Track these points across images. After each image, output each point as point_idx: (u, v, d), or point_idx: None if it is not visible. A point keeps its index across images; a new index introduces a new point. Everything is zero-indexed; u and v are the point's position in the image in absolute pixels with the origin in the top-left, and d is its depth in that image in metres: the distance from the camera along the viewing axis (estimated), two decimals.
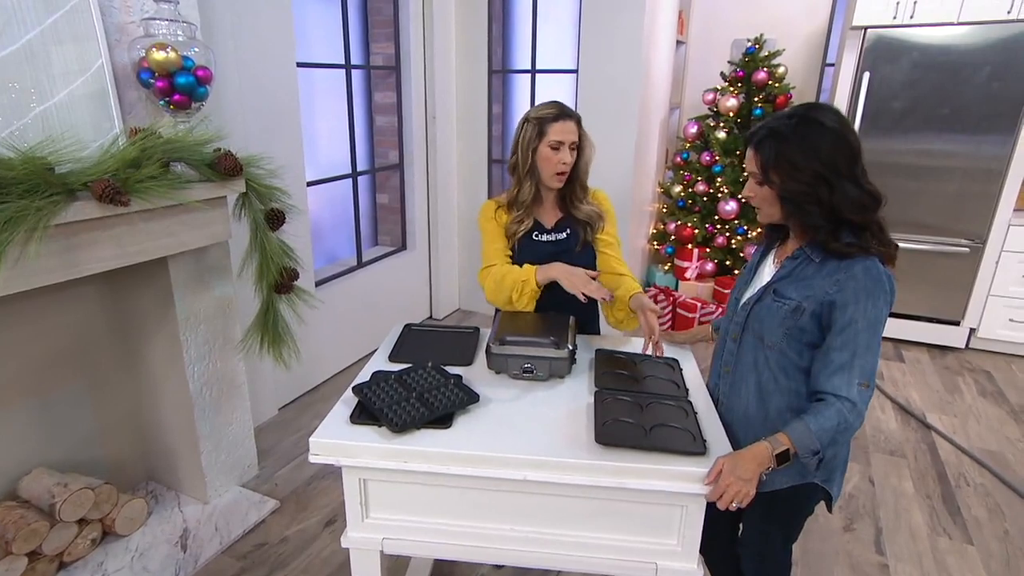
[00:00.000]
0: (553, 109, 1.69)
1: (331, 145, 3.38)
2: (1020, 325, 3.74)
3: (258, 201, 2.00)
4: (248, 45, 2.51)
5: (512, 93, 4.08)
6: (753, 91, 3.98)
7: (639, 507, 1.26)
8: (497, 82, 3.98)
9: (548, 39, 3.80)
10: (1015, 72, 3.39)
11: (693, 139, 4.22)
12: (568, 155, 1.69)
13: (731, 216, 4.01)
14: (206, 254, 2.13)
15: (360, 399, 1.34)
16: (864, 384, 1.18)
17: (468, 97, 3.96)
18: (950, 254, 3.73)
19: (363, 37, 3.54)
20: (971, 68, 3.45)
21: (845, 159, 1.18)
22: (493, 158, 4.08)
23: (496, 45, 3.89)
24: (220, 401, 2.33)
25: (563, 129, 1.67)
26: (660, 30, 3.76)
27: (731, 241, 4.08)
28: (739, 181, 4.02)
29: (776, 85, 3.95)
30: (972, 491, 2.55)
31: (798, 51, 4.30)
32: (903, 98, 3.56)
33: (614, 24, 3.47)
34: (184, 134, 1.77)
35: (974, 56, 3.43)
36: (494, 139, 4.05)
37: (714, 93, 4.10)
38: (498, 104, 4.06)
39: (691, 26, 4.55)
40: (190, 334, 2.16)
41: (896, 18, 3.49)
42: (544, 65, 3.82)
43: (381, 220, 3.93)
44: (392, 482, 1.28)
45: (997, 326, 3.79)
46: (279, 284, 2.06)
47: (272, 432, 2.84)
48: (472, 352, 1.64)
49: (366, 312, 3.55)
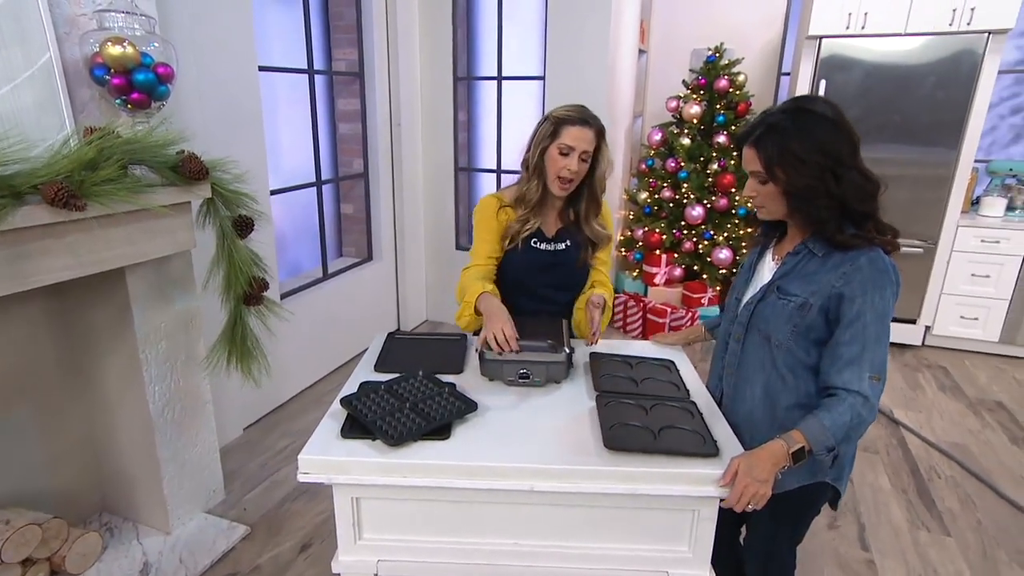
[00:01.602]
0: (575, 112, 1.60)
1: (294, 153, 3.26)
2: (970, 322, 3.90)
3: (224, 207, 1.88)
4: (207, 46, 2.39)
5: (478, 100, 4.04)
6: (715, 98, 4.05)
7: (648, 514, 1.21)
8: (462, 89, 3.94)
9: (514, 46, 3.78)
10: (957, 82, 3.55)
11: (657, 146, 4.26)
12: (576, 163, 1.60)
13: (698, 221, 4.05)
14: (168, 264, 1.99)
15: (350, 412, 1.24)
16: (875, 377, 1.16)
17: (433, 104, 3.89)
18: (907, 255, 3.86)
19: (325, 42, 3.44)
20: (918, 78, 3.61)
21: (848, 147, 1.17)
22: (460, 166, 4.02)
23: (461, 52, 3.85)
24: (183, 422, 2.18)
25: (578, 135, 1.58)
26: (624, 38, 3.79)
27: (698, 246, 4.12)
28: (704, 187, 4.08)
29: (737, 93, 4.03)
30: (944, 483, 2.60)
31: (755, 60, 4.41)
32: (857, 107, 3.68)
33: (580, 31, 3.47)
34: (145, 134, 1.64)
35: (921, 66, 3.59)
36: (460, 147, 4.00)
37: (677, 100, 4.16)
38: (464, 112, 4.01)
39: (651, 35, 4.62)
40: (150, 351, 2.01)
41: (849, 28, 3.62)
42: (510, 72, 3.80)
43: (346, 230, 3.81)
44: (387, 499, 1.19)
45: (950, 323, 3.94)
46: (248, 295, 1.94)
47: (238, 454, 2.68)
48: (462, 360, 1.57)
49: (332, 325, 3.42)
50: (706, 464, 1.17)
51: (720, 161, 4.01)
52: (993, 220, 3.79)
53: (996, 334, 3.86)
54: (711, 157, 4.06)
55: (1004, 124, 4.36)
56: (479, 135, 4.11)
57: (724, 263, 4.00)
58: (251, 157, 2.64)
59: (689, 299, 4.14)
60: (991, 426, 3.08)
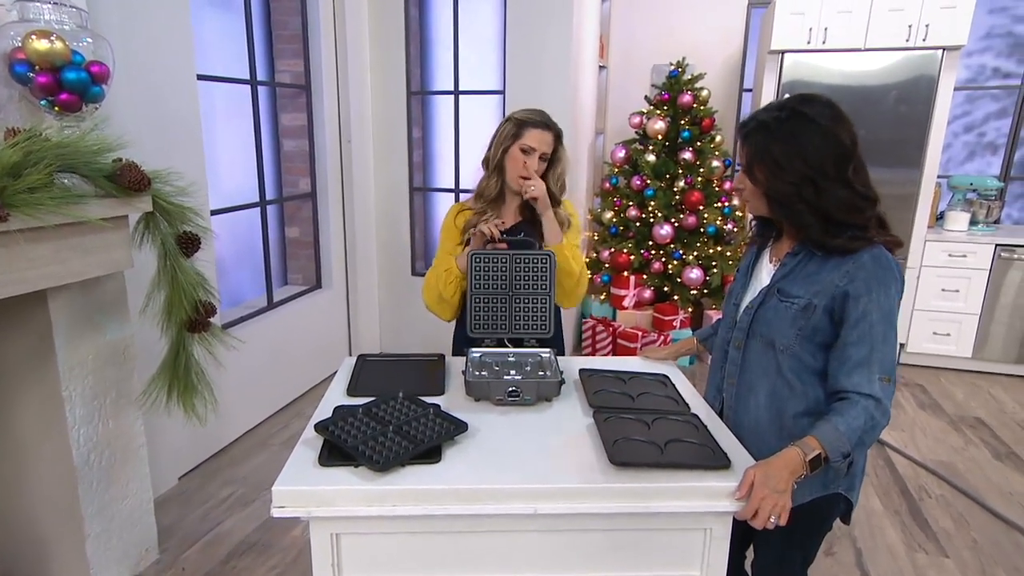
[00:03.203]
0: (536, 116, 1.78)
1: (233, 171, 3.19)
2: (943, 338, 4.10)
3: (166, 223, 1.81)
4: (141, 49, 2.33)
5: (433, 116, 4.06)
6: (679, 114, 4.20)
7: (657, 536, 1.19)
8: (417, 104, 3.96)
9: (471, 59, 3.83)
10: (917, 97, 3.82)
11: (621, 164, 4.37)
12: (536, 163, 1.77)
13: (666, 240, 4.15)
14: (98, 288, 1.89)
15: (327, 438, 1.19)
16: (886, 379, 1.19)
17: (386, 120, 3.89)
18: None
19: (267, 52, 3.41)
20: (880, 94, 3.86)
21: (834, 160, 1.20)
22: (415, 186, 4.01)
23: (415, 64, 3.88)
24: (112, 470, 2.04)
25: (539, 137, 1.75)
26: (585, 52, 3.91)
27: (668, 266, 4.21)
28: (671, 205, 4.19)
29: (701, 108, 4.19)
30: (935, 503, 2.69)
31: (716, 76, 4.62)
32: None
33: (541, 44, 3.56)
34: (78, 139, 1.57)
35: (882, 82, 3.84)
36: (415, 166, 4.00)
37: (640, 116, 4.29)
38: (418, 128, 4.02)
39: (610, 51, 4.78)
40: (75, 388, 1.88)
41: (810, 43, 3.85)
42: (468, 86, 3.84)
43: (291, 256, 3.72)
44: (372, 534, 1.14)
45: (923, 340, 4.14)
46: (193, 321, 1.85)
47: (173, 506, 2.53)
48: (442, 380, 1.54)
49: (278, 360, 3.30)
50: (718, 477, 1.16)
51: (687, 178, 4.15)
52: (958, 234, 4.04)
53: (968, 350, 4.07)
54: (677, 174, 4.19)
55: (958, 142, 4.69)
56: (435, 153, 4.12)
57: (695, 283, 4.10)
58: (189, 173, 2.54)
59: (660, 322, 4.21)
60: (974, 443, 3.22)
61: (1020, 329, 3.97)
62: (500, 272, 1.68)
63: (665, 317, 4.17)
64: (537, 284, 1.68)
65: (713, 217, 4.12)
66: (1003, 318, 3.98)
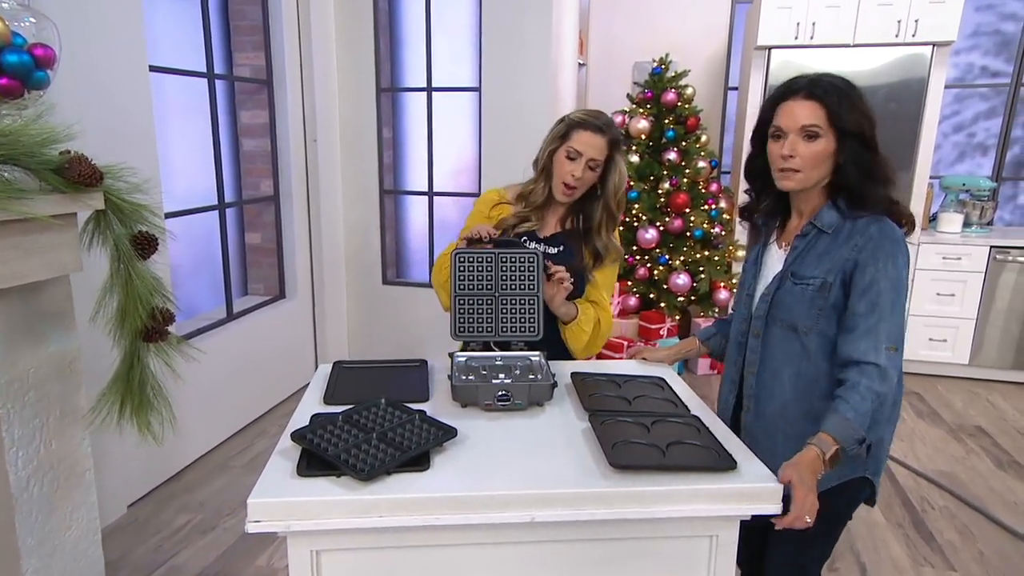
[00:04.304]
0: (589, 116, 1.72)
1: (187, 171, 3.13)
2: (939, 344, 4.20)
3: (119, 223, 1.76)
4: (86, 34, 2.28)
5: (404, 114, 4.06)
6: (663, 112, 4.26)
7: (661, 545, 1.20)
8: (387, 101, 3.95)
9: (445, 54, 3.84)
10: (908, 94, 3.94)
11: None
12: (581, 170, 1.70)
13: (651, 245, 4.18)
14: (40, 293, 1.83)
15: (305, 447, 1.16)
16: (892, 348, 1.26)
17: (354, 118, 3.87)
18: None
19: (225, 43, 3.38)
20: (870, 90, 3.90)
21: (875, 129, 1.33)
22: (385, 188, 3.99)
23: (384, 59, 3.88)
24: (54, 497, 1.97)
25: (588, 141, 1.69)
26: (565, 48, 3.95)
27: (653, 272, 4.24)
28: (656, 207, 4.23)
29: (686, 107, 4.26)
30: (939, 514, 2.73)
31: (700, 74, 4.70)
32: None
33: (519, 38, 3.58)
34: (21, 128, 1.52)
35: (871, 77, 3.95)
36: (385, 167, 3.98)
37: (623, 115, 4.34)
38: (389, 127, 4.01)
39: (590, 47, 4.84)
40: (13, 406, 1.81)
41: (798, 38, 3.94)
42: (441, 82, 3.85)
43: (252, 264, 3.66)
44: (356, 550, 1.11)
45: (919, 347, 4.22)
46: (149, 330, 1.80)
47: (122, 537, 2.45)
48: (426, 386, 1.52)
49: (238, 376, 3.24)
50: (724, 479, 1.17)
51: (672, 179, 4.19)
52: (952, 236, 4.14)
53: (965, 356, 4.16)
54: (662, 175, 4.24)
55: (948, 143, 4.84)
56: (407, 153, 4.11)
57: (682, 289, 4.13)
58: (141, 171, 2.50)
59: (646, 330, 4.23)
60: (975, 452, 3.28)
61: (1016, 334, 4.09)
62: (485, 272, 1.67)
63: (651, 325, 4.20)
64: (524, 284, 1.67)
65: (700, 220, 4.17)
66: (998, 322, 4.09)
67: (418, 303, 3.95)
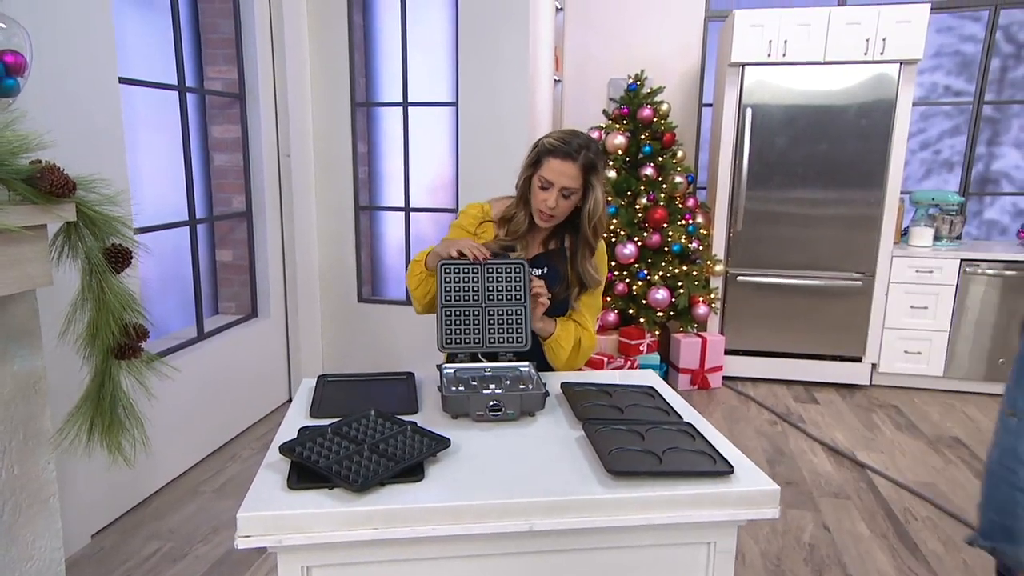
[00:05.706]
0: (560, 142, 1.66)
1: (156, 186, 3.09)
2: (914, 356, 4.29)
3: (91, 236, 1.73)
4: (55, 43, 2.25)
5: (379, 129, 4.06)
6: (639, 128, 4.33)
7: (659, 553, 1.21)
8: (362, 116, 3.95)
9: (421, 68, 3.87)
10: (878, 111, 4.07)
11: None
12: (555, 199, 1.67)
13: (630, 260, 4.22)
14: (4, 309, 1.78)
15: (295, 460, 1.14)
16: None
17: (328, 133, 3.86)
18: (846, 288, 4.23)
19: (196, 56, 3.35)
20: (840, 108, 4.09)
21: None
22: (360, 205, 3.98)
23: (359, 73, 3.88)
24: (16, 526, 1.89)
25: (559, 169, 1.64)
26: (541, 63, 4.00)
27: (632, 288, 4.28)
28: (634, 223, 4.28)
29: (662, 122, 4.33)
30: (922, 525, 2.77)
31: (674, 90, 4.79)
32: (784, 136, 4.09)
33: (496, 53, 3.62)
34: None
35: (844, 96, 4.08)
36: (361, 182, 3.97)
37: (600, 131, 4.40)
38: (364, 142, 4.01)
39: (565, 64, 4.91)
40: None
41: (770, 55, 4.05)
42: (418, 97, 3.87)
43: (223, 282, 3.61)
44: (347, 564, 1.10)
45: (895, 359, 4.32)
46: (122, 347, 1.76)
47: (87, 568, 2.36)
48: (414, 397, 1.51)
49: (209, 398, 3.17)
50: (722, 484, 1.18)
51: (649, 194, 4.25)
52: (923, 250, 4.26)
53: (940, 368, 4.27)
54: (640, 191, 4.29)
55: (915, 159, 5.01)
56: (382, 168, 4.11)
57: (661, 304, 4.17)
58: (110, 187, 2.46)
59: (626, 347, 4.26)
60: (954, 463, 3.35)
61: (986, 346, 4.21)
62: (471, 283, 1.67)
63: (631, 341, 4.23)
64: (511, 295, 1.68)
65: (678, 235, 4.22)
66: (970, 334, 4.21)
67: (394, 321, 3.93)
